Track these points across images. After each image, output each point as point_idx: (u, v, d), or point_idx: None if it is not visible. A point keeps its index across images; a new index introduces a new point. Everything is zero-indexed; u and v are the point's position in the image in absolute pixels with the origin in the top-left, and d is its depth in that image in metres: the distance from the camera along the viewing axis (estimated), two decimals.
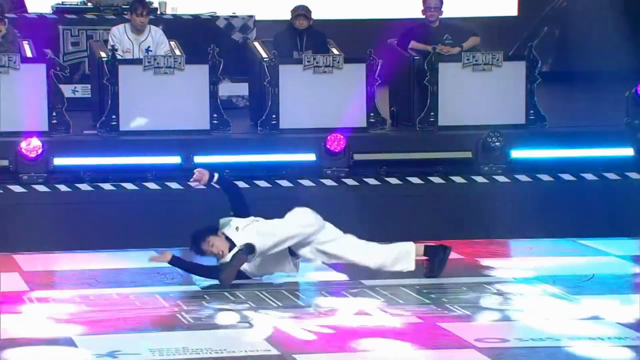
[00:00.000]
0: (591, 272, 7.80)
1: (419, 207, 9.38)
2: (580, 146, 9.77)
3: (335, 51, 10.28)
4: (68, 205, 9.06)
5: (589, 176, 9.64)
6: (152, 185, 9.24)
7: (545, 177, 9.62)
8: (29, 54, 9.93)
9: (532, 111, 10.04)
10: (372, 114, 9.89)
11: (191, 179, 7.67)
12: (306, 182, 9.40)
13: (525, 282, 7.61)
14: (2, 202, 8.99)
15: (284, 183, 9.36)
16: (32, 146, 9.07)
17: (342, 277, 7.72)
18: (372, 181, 9.49)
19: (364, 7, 13.25)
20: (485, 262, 8.30)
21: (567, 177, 9.64)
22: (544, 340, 6.28)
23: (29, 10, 11.71)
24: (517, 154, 9.74)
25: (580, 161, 9.72)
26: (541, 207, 9.42)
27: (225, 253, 7.30)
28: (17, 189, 9.07)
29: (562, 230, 9.12)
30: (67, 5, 11.56)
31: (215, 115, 9.70)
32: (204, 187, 7.92)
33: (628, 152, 9.75)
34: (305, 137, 9.62)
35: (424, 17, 10.37)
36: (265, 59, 10.05)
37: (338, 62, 9.84)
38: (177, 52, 10.21)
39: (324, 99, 9.75)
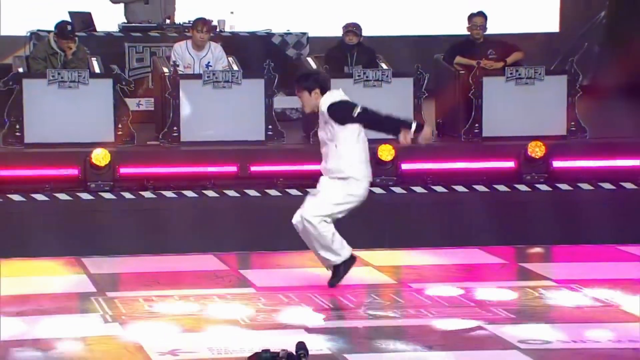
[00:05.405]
0: (631, 277, 7.67)
1: (464, 215, 9.30)
2: (620, 156, 9.64)
3: (384, 66, 10.24)
4: (132, 211, 9.12)
5: (629, 185, 9.51)
6: (210, 193, 9.26)
7: (585, 186, 9.50)
8: (97, 69, 10.01)
9: (573, 123, 9.93)
10: None
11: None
12: None
13: (567, 286, 7.50)
14: (71, 209, 9.07)
15: None
16: (99, 156, 9.15)
17: (383, 279, 7.69)
18: (419, 189, 9.43)
19: (411, 24, 13.19)
20: (528, 266, 8.21)
21: (607, 186, 9.50)
22: (585, 342, 6.18)
23: (98, 29, 11.81)
24: (558, 163, 9.63)
25: (619, 171, 9.58)
26: (582, 215, 9.29)
27: (308, 110, 7.42)
28: (85, 196, 9.15)
29: (603, 236, 8.98)
30: (133, 24, 11.66)
31: (270, 126, 9.71)
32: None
33: None
34: None
35: (468, 33, 10.31)
36: None
37: (387, 77, 9.81)
38: (235, 67, 10.24)
39: None
